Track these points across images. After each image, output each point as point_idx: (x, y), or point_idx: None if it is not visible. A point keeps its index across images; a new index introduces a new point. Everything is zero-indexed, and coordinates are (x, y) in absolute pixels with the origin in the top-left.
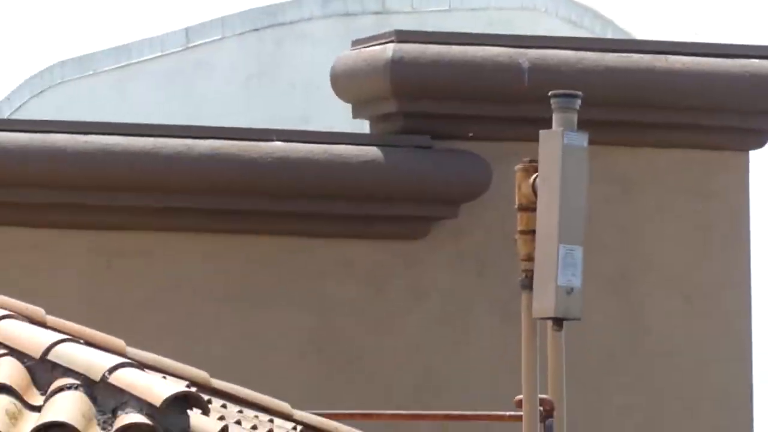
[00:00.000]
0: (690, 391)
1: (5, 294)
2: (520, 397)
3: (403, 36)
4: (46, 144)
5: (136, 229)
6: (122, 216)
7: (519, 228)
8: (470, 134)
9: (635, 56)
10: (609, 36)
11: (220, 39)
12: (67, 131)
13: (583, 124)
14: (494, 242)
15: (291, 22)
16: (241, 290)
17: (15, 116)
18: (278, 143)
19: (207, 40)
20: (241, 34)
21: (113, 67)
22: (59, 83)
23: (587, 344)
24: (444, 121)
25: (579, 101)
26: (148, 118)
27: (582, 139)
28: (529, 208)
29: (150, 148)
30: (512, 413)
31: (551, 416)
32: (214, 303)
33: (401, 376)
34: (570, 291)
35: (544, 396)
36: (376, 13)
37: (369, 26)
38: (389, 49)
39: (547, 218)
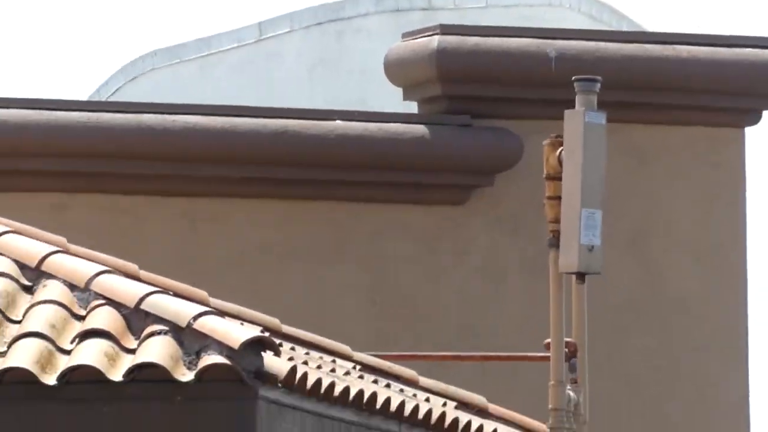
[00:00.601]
0: (697, 333)
1: (105, 252)
2: (549, 340)
3: (446, 29)
4: (139, 123)
5: (216, 196)
6: (204, 185)
7: (547, 194)
8: None
9: (647, 46)
10: (624, 29)
11: (289, 32)
12: (157, 112)
13: (602, 105)
14: (526, 207)
15: (349, 18)
16: (309, 249)
17: (112, 99)
18: (339, 122)
19: (277, 33)
20: (306, 27)
21: (196, 56)
22: (150, 70)
23: (607, 295)
24: (482, 102)
25: (598, 85)
26: (226, 101)
27: (601, 118)
28: (556, 177)
29: (228, 127)
30: (541, 354)
31: (575, 357)
32: (285, 260)
33: (447, 322)
34: (591, 249)
35: (569, 339)
36: (423, 9)
37: (417, 21)
38: (435, 41)
39: (571, 186)
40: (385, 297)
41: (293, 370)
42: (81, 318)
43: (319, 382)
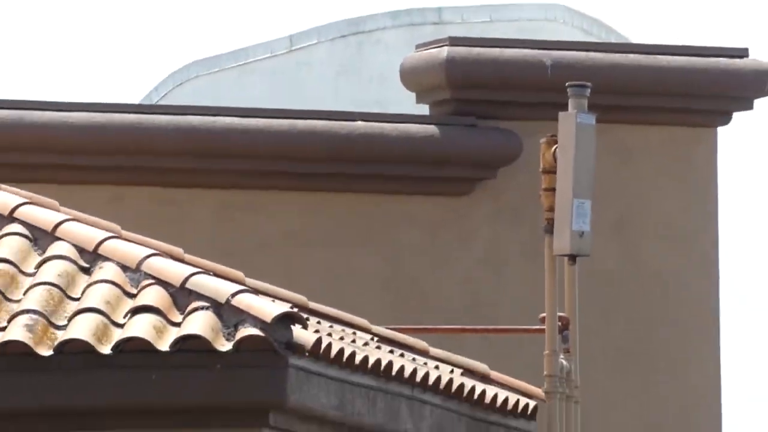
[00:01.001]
0: (673, 309)
1: (154, 237)
2: (544, 314)
3: (455, 41)
4: (184, 123)
5: (251, 188)
6: (240, 178)
7: (543, 186)
8: None
9: (632, 56)
10: (612, 41)
11: (316, 43)
12: (200, 114)
13: (592, 108)
14: (525, 198)
15: (369, 31)
16: (331, 236)
17: (161, 102)
18: (360, 122)
19: (306, 44)
20: (332, 39)
21: (234, 65)
22: (194, 77)
23: (595, 275)
24: (486, 105)
25: (589, 90)
26: (261, 104)
27: (591, 119)
28: (551, 171)
29: (262, 126)
30: (538, 327)
31: (567, 329)
32: (310, 245)
33: (453, 301)
34: (581, 234)
35: (562, 314)
36: (434, 23)
37: (428, 34)
38: (444, 51)
39: (564, 179)
40: (398, 279)
41: (319, 341)
42: (132, 296)
43: (341, 351)
